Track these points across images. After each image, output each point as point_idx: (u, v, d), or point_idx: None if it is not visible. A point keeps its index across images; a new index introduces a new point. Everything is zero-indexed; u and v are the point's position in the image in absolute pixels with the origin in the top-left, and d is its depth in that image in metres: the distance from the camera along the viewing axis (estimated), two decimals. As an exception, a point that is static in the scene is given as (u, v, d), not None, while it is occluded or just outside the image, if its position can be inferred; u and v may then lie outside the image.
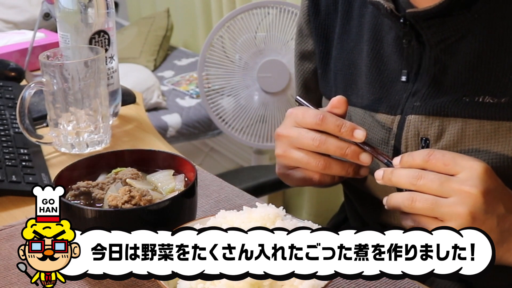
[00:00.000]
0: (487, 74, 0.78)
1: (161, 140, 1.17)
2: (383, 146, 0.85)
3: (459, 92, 0.79)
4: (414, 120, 0.82)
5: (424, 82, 0.82)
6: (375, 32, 0.89)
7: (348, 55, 0.93)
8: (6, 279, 0.75)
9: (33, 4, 3.25)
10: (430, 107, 0.81)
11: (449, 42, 0.80)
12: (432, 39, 0.80)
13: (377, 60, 0.88)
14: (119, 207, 0.73)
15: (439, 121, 0.80)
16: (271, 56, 2.11)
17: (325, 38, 0.97)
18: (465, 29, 0.79)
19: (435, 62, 0.81)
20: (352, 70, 0.92)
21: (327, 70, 0.97)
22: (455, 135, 0.79)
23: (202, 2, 2.99)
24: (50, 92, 1.04)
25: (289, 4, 2.05)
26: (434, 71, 0.81)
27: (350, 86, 0.92)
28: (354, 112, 0.91)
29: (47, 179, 0.97)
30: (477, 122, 0.78)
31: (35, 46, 1.44)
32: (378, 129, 0.86)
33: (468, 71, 0.79)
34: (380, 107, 0.87)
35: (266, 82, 2.12)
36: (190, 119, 2.57)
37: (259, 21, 2.10)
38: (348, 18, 0.94)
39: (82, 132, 1.06)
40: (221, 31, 2.13)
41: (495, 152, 0.77)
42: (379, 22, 0.88)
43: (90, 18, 1.12)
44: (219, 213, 0.67)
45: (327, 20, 0.97)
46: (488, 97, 0.77)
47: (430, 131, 0.81)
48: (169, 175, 0.81)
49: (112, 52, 1.16)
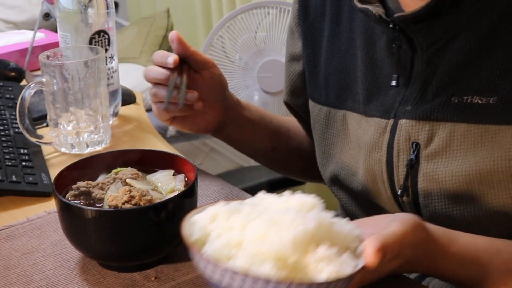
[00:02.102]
0: (475, 72, 0.78)
1: (161, 140, 1.17)
2: (377, 151, 0.86)
3: (448, 92, 0.79)
4: (406, 124, 0.82)
5: (415, 86, 0.82)
6: (367, 36, 0.89)
7: (340, 59, 0.93)
8: (6, 279, 0.75)
9: (33, 4, 3.25)
10: (421, 112, 0.81)
11: (440, 44, 0.80)
12: (423, 42, 0.80)
13: (371, 66, 0.88)
14: (119, 207, 0.73)
15: (429, 125, 0.81)
16: (271, 56, 2.11)
17: (313, 40, 0.98)
18: (455, 30, 0.79)
19: (426, 65, 0.81)
20: (345, 75, 0.92)
21: (315, 73, 0.97)
22: (444, 139, 0.80)
23: (202, 2, 2.99)
24: (50, 92, 1.04)
25: (289, 4, 2.05)
26: (425, 75, 0.82)
27: (344, 91, 0.92)
28: (350, 117, 0.91)
29: (47, 179, 0.97)
30: (465, 126, 0.78)
31: (35, 46, 1.44)
32: (372, 133, 0.86)
33: (456, 70, 0.79)
34: (374, 111, 0.87)
35: (266, 82, 2.12)
36: (190, 119, 2.57)
37: (259, 21, 2.10)
38: (337, 21, 0.93)
39: (82, 132, 1.06)
40: (221, 31, 2.13)
41: (481, 155, 0.77)
42: (370, 26, 0.88)
43: (90, 18, 1.12)
44: (258, 194, 0.68)
45: (315, 23, 0.97)
46: (477, 97, 0.77)
47: (421, 136, 0.81)
48: (169, 175, 0.81)
49: (112, 52, 1.16)
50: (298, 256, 0.58)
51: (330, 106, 0.94)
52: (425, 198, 0.81)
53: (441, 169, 0.80)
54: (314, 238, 0.59)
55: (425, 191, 0.81)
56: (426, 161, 0.81)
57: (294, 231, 0.58)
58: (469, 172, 0.77)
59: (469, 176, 0.77)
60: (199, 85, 0.92)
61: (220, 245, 0.60)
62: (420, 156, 0.81)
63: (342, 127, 0.93)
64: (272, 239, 0.58)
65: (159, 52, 0.90)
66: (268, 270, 0.57)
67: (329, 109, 0.94)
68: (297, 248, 0.58)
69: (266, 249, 0.58)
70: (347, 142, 0.92)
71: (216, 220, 0.63)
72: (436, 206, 0.81)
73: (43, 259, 0.79)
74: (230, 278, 0.58)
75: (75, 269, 0.77)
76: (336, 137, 0.94)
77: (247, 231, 0.60)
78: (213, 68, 0.93)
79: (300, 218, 0.60)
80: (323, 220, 0.61)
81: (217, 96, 0.95)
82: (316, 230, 0.59)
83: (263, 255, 0.58)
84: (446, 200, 0.80)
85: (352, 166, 0.91)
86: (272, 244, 0.58)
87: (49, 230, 0.85)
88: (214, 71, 0.93)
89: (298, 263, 0.58)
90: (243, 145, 1.06)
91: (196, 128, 0.97)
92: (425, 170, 0.81)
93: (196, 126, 0.96)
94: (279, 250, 0.58)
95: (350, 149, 0.92)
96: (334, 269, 0.58)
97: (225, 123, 0.99)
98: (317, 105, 0.97)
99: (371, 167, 0.87)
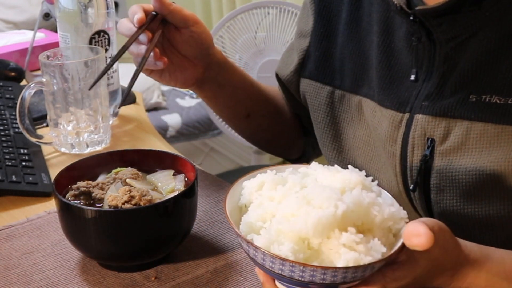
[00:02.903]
0: (495, 71, 0.78)
1: (161, 140, 1.17)
2: (391, 144, 0.85)
3: (466, 90, 0.79)
4: (422, 120, 0.82)
5: (433, 81, 0.82)
6: (386, 25, 0.88)
7: (358, 43, 0.92)
8: (6, 279, 0.75)
9: (33, 4, 3.25)
10: (438, 108, 0.81)
11: (460, 40, 0.80)
12: (442, 36, 0.80)
13: (387, 54, 0.87)
14: (119, 207, 0.73)
15: (446, 122, 0.80)
16: (271, 56, 2.11)
17: (328, 20, 0.97)
18: (476, 27, 0.79)
19: (444, 60, 0.81)
20: (363, 60, 0.91)
21: (327, 55, 0.96)
22: (460, 136, 0.79)
23: (202, 2, 2.99)
24: (50, 92, 1.04)
25: (289, 4, 2.05)
26: (443, 70, 0.81)
27: (361, 76, 0.92)
28: (365, 104, 0.90)
29: (47, 179, 0.97)
30: (482, 125, 0.78)
31: (35, 46, 1.44)
32: (387, 126, 0.86)
33: (476, 68, 0.79)
34: (389, 103, 0.86)
35: (266, 82, 2.11)
36: (190, 119, 2.57)
37: (259, 21, 2.10)
38: (357, 6, 0.93)
39: (82, 132, 1.06)
40: (221, 31, 2.13)
41: (497, 155, 0.77)
42: (390, 15, 0.88)
43: (90, 18, 1.12)
44: (312, 164, 0.69)
45: (332, 3, 0.96)
46: (495, 97, 0.77)
47: (436, 132, 0.81)
48: (169, 175, 0.81)
49: (112, 52, 1.16)
50: (322, 239, 0.58)
51: (345, 90, 0.94)
52: (437, 195, 0.81)
53: (455, 166, 0.79)
54: (344, 221, 0.58)
55: (437, 188, 0.81)
56: (440, 157, 0.81)
57: (320, 214, 0.58)
58: (483, 171, 0.77)
59: (483, 175, 0.77)
60: (177, 42, 0.94)
61: (255, 216, 0.61)
62: (435, 152, 0.81)
63: (358, 113, 0.92)
64: (297, 219, 0.58)
65: (133, 6, 0.92)
66: (286, 250, 0.57)
67: (344, 93, 0.94)
68: (320, 231, 0.57)
69: (289, 229, 0.58)
70: (362, 128, 0.92)
71: (262, 188, 0.64)
72: (448, 203, 0.81)
73: (43, 259, 0.79)
74: (254, 252, 0.59)
75: (75, 269, 0.77)
76: (350, 122, 0.94)
77: (282, 205, 0.60)
78: (195, 25, 0.93)
79: (333, 199, 0.59)
80: (360, 202, 0.59)
81: (197, 53, 0.96)
82: (347, 213, 0.58)
83: (285, 234, 0.58)
84: (458, 197, 0.80)
85: (366, 153, 0.91)
86: (296, 224, 0.58)
87: (49, 230, 0.85)
88: (195, 29, 0.93)
89: (321, 246, 0.58)
90: (219, 105, 1.06)
91: (173, 82, 0.98)
92: (439, 167, 0.81)
93: (174, 80, 0.97)
94: (301, 231, 0.57)
95: (364, 136, 0.91)
96: (353, 257, 0.57)
97: (204, 80, 1.00)
98: (325, 87, 0.96)
99: (384, 159, 0.87)
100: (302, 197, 0.60)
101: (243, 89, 1.05)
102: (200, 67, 0.97)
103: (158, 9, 0.90)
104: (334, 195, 0.59)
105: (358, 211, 0.59)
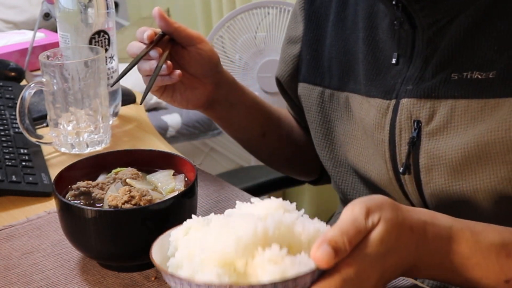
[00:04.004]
0: (474, 48, 0.79)
1: (161, 140, 1.17)
2: (380, 131, 0.86)
3: (448, 70, 0.81)
4: (407, 103, 0.83)
5: (416, 66, 0.84)
6: (371, 19, 0.90)
7: (343, 42, 0.94)
8: (6, 279, 0.75)
9: (33, 4, 3.25)
10: (422, 90, 0.82)
11: (441, 24, 0.81)
12: (424, 21, 0.82)
13: (373, 47, 0.89)
14: (119, 207, 0.73)
15: (430, 103, 0.82)
16: (271, 56, 2.11)
17: (317, 25, 0.99)
18: (456, 11, 0.80)
19: (427, 45, 0.82)
20: (348, 57, 0.93)
21: (317, 57, 0.98)
22: (445, 115, 0.81)
23: (202, 2, 2.99)
24: (50, 92, 1.04)
25: (289, 4, 2.05)
26: (426, 54, 0.83)
27: (346, 73, 0.93)
28: (352, 99, 0.92)
29: (47, 179, 0.97)
30: (466, 102, 0.79)
31: (35, 46, 1.44)
32: (374, 114, 0.87)
33: (456, 47, 0.80)
34: (376, 92, 0.88)
35: (266, 82, 2.12)
36: (190, 119, 2.57)
37: (259, 21, 2.10)
38: (343, 6, 0.95)
39: (82, 132, 1.06)
40: (221, 31, 2.13)
41: (480, 129, 0.78)
42: (374, 10, 0.90)
43: (90, 18, 1.12)
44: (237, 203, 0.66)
45: (321, 8, 0.99)
46: (476, 73, 0.79)
47: (422, 114, 0.82)
48: (169, 175, 0.81)
49: (112, 52, 1.16)
50: (246, 259, 0.57)
51: (333, 88, 0.95)
52: (426, 175, 0.82)
53: (442, 145, 0.81)
54: (266, 240, 0.57)
55: (426, 168, 0.82)
56: (427, 138, 0.82)
57: (240, 233, 0.57)
58: (468, 146, 0.78)
59: (468, 150, 0.78)
60: (185, 61, 0.94)
61: (180, 256, 0.60)
62: (422, 134, 0.82)
63: (345, 109, 0.94)
64: (218, 243, 0.57)
65: (142, 28, 0.93)
66: (210, 275, 0.56)
67: (332, 91, 0.96)
68: (242, 250, 0.56)
69: (211, 255, 0.57)
70: (351, 123, 0.93)
71: (188, 233, 0.63)
72: (437, 182, 0.82)
73: (43, 259, 0.79)
74: (179, 284, 0.57)
75: (75, 269, 0.77)
76: (339, 119, 0.95)
77: (204, 237, 0.60)
78: (201, 44, 0.94)
79: (252, 220, 0.58)
80: (281, 220, 0.59)
81: (206, 71, 0.96)
82: (269, 231, 0.57)
83: (209, 261, 0.57)
84: (446, 175, 0.81)
85: (355, 147, 0.92)
86: (217, 248, 0.57)
87: (49, 230, 0.85)
88: (201, 47, 0.94)
89: (247, 268, 0.57)
90: (233, 126, 1.06)
91: (185, 103, 0.97)
92: (426, 147, 0.82)
93: (186, 100, 0.97)
94: (224, 254, 0.57)
95: (353, 130, 0.93)
96: (279, 270, 0.55)
97: (215, 100, 1.00)
98: (316, 88, 0.98)
99: (374, 148, 0.87)
100: (222, 225, 0.60)
101: (256, 108, 1.06)
102: (209, 85, 0.97)
103: (164, 27, 0.91)
104: (254, 217, 0.59)
105: (281, 228, 0.58)
